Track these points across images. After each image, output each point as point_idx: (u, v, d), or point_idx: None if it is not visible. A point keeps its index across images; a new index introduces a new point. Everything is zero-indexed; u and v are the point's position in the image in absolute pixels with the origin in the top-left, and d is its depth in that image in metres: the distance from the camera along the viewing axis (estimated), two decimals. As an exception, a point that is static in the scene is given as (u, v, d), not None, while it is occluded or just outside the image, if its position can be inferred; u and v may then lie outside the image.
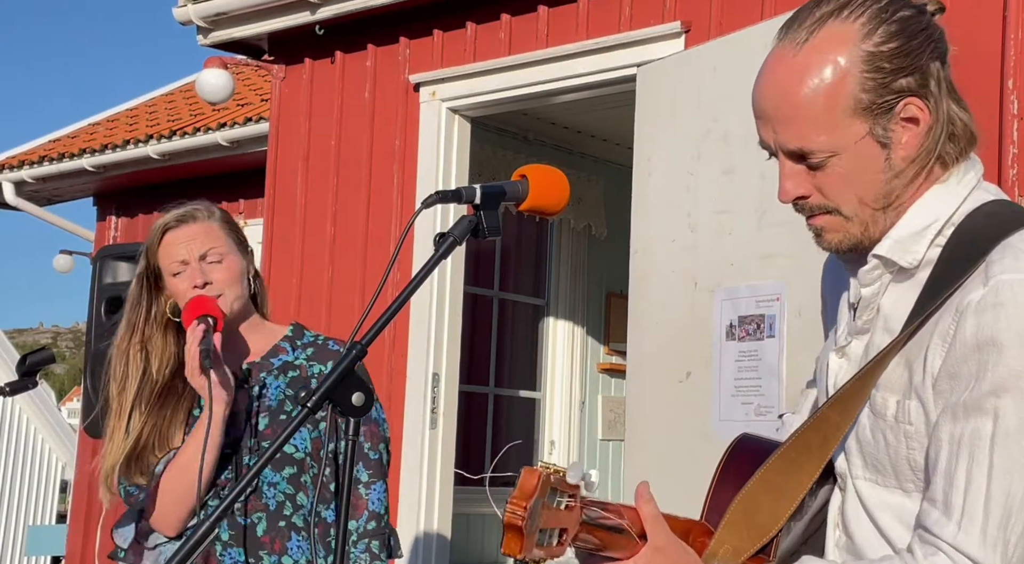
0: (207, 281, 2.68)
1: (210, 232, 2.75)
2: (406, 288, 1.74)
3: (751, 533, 1.58)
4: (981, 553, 1.45)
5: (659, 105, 4.80)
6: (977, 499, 1.45)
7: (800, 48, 1.56)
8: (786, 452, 1.60)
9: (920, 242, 1.58)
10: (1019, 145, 4.16)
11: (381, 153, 6.07)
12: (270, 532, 2.63)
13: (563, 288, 7.54)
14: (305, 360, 2.76)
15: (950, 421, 1.49)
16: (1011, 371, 1.44)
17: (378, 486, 2.73)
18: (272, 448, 1.63)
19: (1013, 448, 1.45)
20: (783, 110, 1.56)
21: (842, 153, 1.55)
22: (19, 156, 10.02)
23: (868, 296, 1.62)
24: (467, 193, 1.80)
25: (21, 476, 15.63)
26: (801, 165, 1.59)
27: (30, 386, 3.43)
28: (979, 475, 1.46)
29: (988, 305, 1.46)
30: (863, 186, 1.57)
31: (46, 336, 68.51)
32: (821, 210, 1.61)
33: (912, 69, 1.55)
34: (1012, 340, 1.44)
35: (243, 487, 1.61)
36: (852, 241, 1.61)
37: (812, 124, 1.54)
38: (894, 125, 1.55)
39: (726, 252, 4.39)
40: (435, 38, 5.92)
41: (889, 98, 1.54)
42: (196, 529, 1.59)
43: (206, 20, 6.40)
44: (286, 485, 2.64)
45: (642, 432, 4.68)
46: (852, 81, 1.53)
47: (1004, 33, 4.23)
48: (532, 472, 1.46)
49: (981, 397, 1.46)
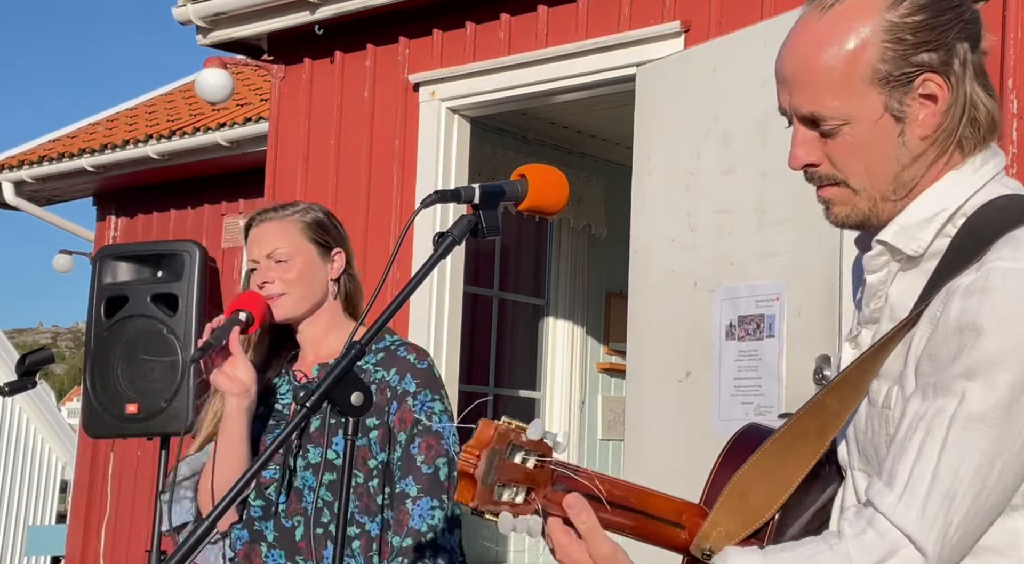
0: (267, 280, 2.68)
1: (282, 231, 2.72)
2: (405, 287, 1.74)
3: (744, 517, 1.55)
4: (917, 528, 1.42)
5: (659, 105, 4.80)
6: (923, 473, 1.42)
7: (825, 13, 1.55)
8: (782, 437, 1.57)
9: (926, 230, 1.55)
10: (1018, 145, 4.16)
11: (380, 153, 6.07)
12: (306, 538, 2.59)
13: (563, 288, 7.54)
14: (372, 365, 2.67)
15: (919, 399, 1.46)
16: (986, 356, 1.42)
17: (424, 503, 2.55)
18: (271, 448, 1.63)
19: (971, 431, 1.42)
20: (800, 74, 1.55)
21: (854, 122, 1.53)
22: (19, 156, 10.02)
23: (874, 283, 1.60)
24: (466, 193, 1.80)
25: (21, 476, 15.63)
26: (814, 132, 1.57)
27: (29, 386, 3.43)
28: (931, 450, 1.43)
29: (976, 289, 1.44)
30: (874, 159, 1.55)
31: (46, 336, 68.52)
32: (830, 180, 1.58)
33: (936, 45, 1.52)
34: (992, 326, 1.42)
35: (241, 488, 1.61)
36: (859, 216, 1.59)
37: (827, 89, 1.53)
38: (911, 100, 1.53)
39: (726, 252, 4.39)
40: (434, 38, 5.93)
41: (908, 71, 1.52)
42: (195, 529, 1.58)
43: (205, 20, 6.40)
44: (324, 491, 2.58)
45: (642, 432, 4.68)
46: (872, 50, 1.52)
47: (1003, 33, 4.23)
48: (489, 424, 1.46)
49: (952, 379, 1.43)
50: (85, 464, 9.38)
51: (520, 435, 1.48)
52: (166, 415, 3.25)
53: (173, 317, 3.23)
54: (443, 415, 2.62)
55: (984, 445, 1.42)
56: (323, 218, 2.78)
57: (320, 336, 2.74)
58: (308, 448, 2.62)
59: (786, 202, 4.08)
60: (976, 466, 1.41)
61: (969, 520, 1.43)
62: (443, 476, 2.59)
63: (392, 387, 2.60)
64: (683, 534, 1.55)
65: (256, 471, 1.63)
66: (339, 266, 2.75)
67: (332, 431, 2.60)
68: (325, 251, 2.75)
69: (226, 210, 8.94)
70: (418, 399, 2.59)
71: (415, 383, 2.60)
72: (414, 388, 2.60)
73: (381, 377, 2.63)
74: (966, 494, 1.42)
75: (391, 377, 2.61)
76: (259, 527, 2.64)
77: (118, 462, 9.07)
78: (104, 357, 3.26)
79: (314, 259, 2.73)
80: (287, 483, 2.61)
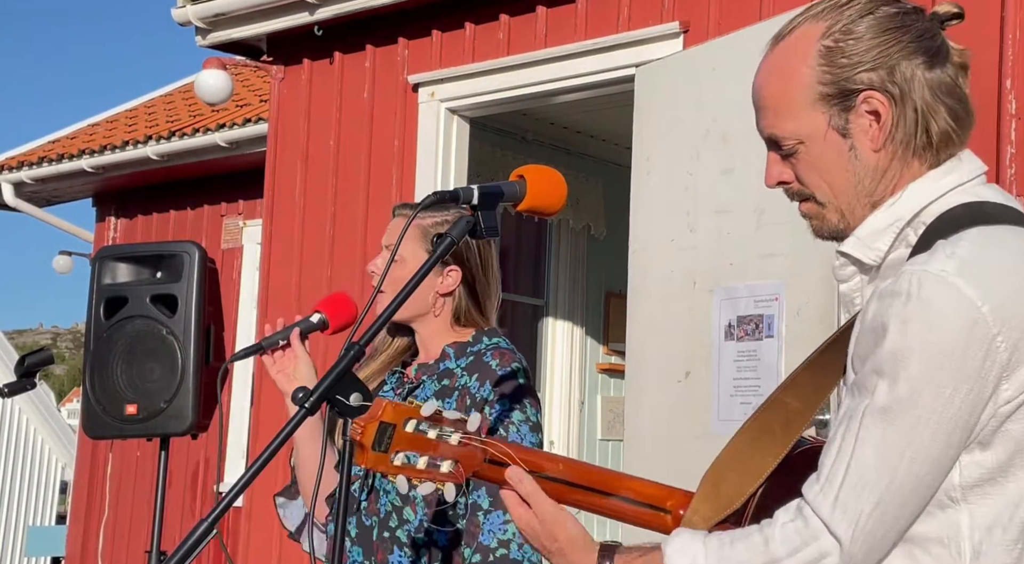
0: (375, 270, 2.71)
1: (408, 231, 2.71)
2: (404, 288, 1.74)
3: (718, 503, 1.66)
4: (830, 515, 1.51)
5: (658, 105, 4.80)
6: (840, 466, 1.53)
7: (775, 46, 1.71)
8: (747, 431, 1.70)
9: (881, 239, 1.66)
10: (1017, 145, 4.16)
11: (380, 154, 6.07)
12: (378, 539, 2.58)
13: (562, 288, 7.54)
14: (461, 369, 2.62)
15: (848, 398, 1.58)
16: (889, 353, 1.51)
17: (495, 517, 2.47)
18: (271, 447, 1.63)
19: (878, 422, 1.52)
20: (759, 102, 1.72)
21: (807, 141, 1.67)
22: (18, 157, 10.02)
23: (846, 292, 1.71)
24: (465, 194, 1.80)
25: (21, 477, 15.63)
26: (778, 153, 1.72)
27: (29, 387, 3.42)
28: (848, 443, 1.53)
29: (888, 292, 1.54)
30: (831, 174, 1.68)
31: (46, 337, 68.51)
32: (801, 196, 1.74)
33: (876, 64, 1.63)
34: (895, 325, 1.51)
35: (241, 489, 1.61)
36: (831, 228, 1.71)
37: (778, 113, 1.69)
38: (856, 117, 1.65)
39: (725, 252, 4.39)
40: (434, 38, 5.93)
41: (848, 90, 1.64)
42: (194, 530, 1.59)
43: (205, 21, 6.40)
44: (395, 496, 2.55)
45: (641, 432, 4.68)
46: (812, 74, 1.65)
47: (1002, 33, 4.23)
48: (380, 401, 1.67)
49: (865, 376, 1.54)
50: (85, 465, 9.38)
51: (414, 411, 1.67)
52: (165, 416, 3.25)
53: (172, 318, 3.23)
54: (522, 424, 2.53)
55: (890, 437, 1.51)
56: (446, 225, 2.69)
57: (427, 338, 2.70)
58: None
59: (785, 202, 4.05)
60: (883, 457, 1.51)
61: (883, 509, 1.51)
62: None
63: (472, 394, 2.55)
64: (668, 519, 1.69)
65: (255, 472, 1.62)
66: (450, 284, 2.67)
67: None
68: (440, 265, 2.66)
69: (225, 211, 8.94)
70: (495, 408, 2.52)
71: (494, 391, 2.54)
72: (491, 396, 2.53)
73: (465, 383, 2.58)
74: (876, 484, 1.51)
75: (472, 383, 2.56)
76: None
77: (117, 463, 9.07)
78: (104, 358, 3.26)
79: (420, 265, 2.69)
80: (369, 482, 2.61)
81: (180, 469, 8.51)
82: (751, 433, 1.69)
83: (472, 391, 2.55)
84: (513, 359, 2.60)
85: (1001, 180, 4.16)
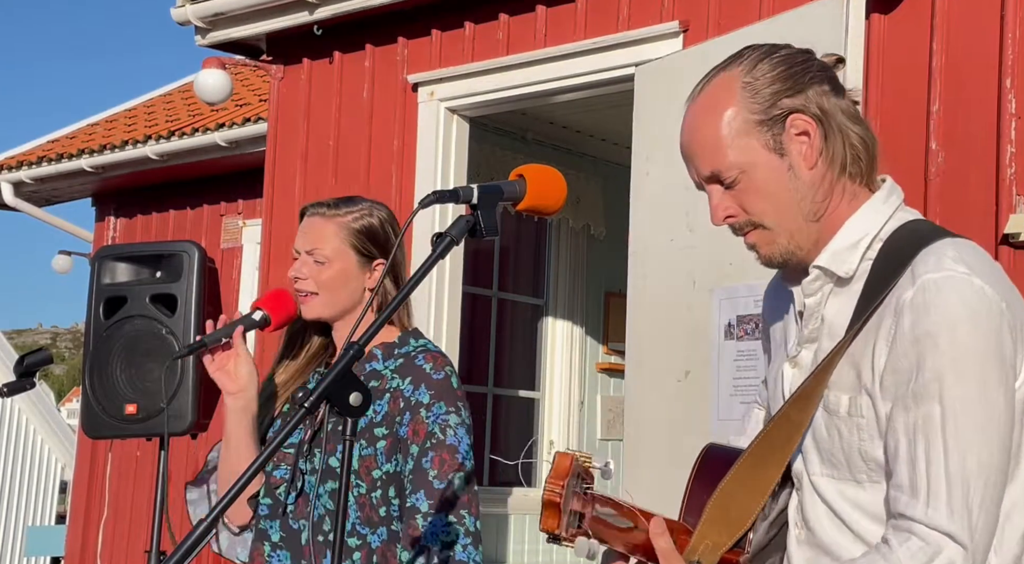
0: (300, 276, 2.67)
1: (327, 231, 2.68)
2: (404, 287, 1.74)
3: (728, 528, 1.72)
4: (950, 524, 1.61)
5: (657, 105, 4.80)
6: (938, 477, 1.62)
7: (698, 97, 1.85)
8: (756, 450, 1.76)
9: (854, 253, 1.77)
10: (1017, 144, 4.16)
11: (379, 153, 6.07)
12: (310, 543, 2.57)
13: (562, 288, 7.54)
14: (390, 371, 2.61)
15: (903, 412, 1.66)
16: (947, 358, 1.63)
17: (438, 520, 2.47)
18: (269, 449, 1.63)
19: (962, 426, 1.62)
20: (693, 146, 1.82)
21: (749, 169, 1.78)
22: (17, 157, 10.01)
23: (812, 305, 1.81)
24: (464, 193, 1.80)
25: (20, 477, 15.63)
26: (721, 188, 1.81)
27: (28, 387, 3.42)
28: (937, 456, 1.63)
29: (919, 303, 1.65)
30: (776, 197, 1.78)
31: (45, 336, 68.52)
32: (749, 226, 1.83)
33: (793, 91, 1.77)
34: (944, 331, 1.63)
35: (240, 489, 1.61)
36: (782, 251, 1.82)
37: (716, 149, 1.79)
38: (788, 139, 1.77)
39: (725, 251, 4.38)
40: (433, 38, 5.93)
41: (775, 114, 1.77)
42: (193, 530, 1.58)
43: (204, 20, 6.40)
44: (327, 499, 2.55)
45: (641, 431, 4.68)
46: (740, 105, 1.78)
47: (1002, 32, 4.23)
48: (566, 455, 1.61)
49: (925, 385, 1.64)
50: (84, 465, 9.38)
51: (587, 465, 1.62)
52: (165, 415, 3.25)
53: (172, 318, 3.22)
54: (459, 427, 2.53)
55: (976, 437, 1.63)
56: (375, 225, 2.69)
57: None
58: (315, 452, 2.60)
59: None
60: (977, 457, 1.62)
61: (987, 501, 1.63)
62: (460, 491, 2.50)
63: (406, 397, 2.53)
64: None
65: (255, 472, 1.62)
66: (378, 277, 2.67)
67: (335, 438, 2.58)
68: (366, 260, 2.67)
69: (225, 210, 8.94)
70: (432, 411, 2.51)
71: (429, 394, 2.53)
72: (428, 399, 2.52)
73: (396, 385, 2.57)
74: (977, 482, 1.62)
75: (405, 387, 2.55)
76: (264, 525, 2.63)
77: (117, 463, 9.07)
78: (103, 358, 3.25)
79: (352, 266, 2.66)
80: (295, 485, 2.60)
81: (180, 469, 8.51)
82: (758, 452, 1.76)
83: (406, 394, 2.54)
84: (445, 362, 2.59)
85: (1001, 180, 4.16)
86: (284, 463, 2.64)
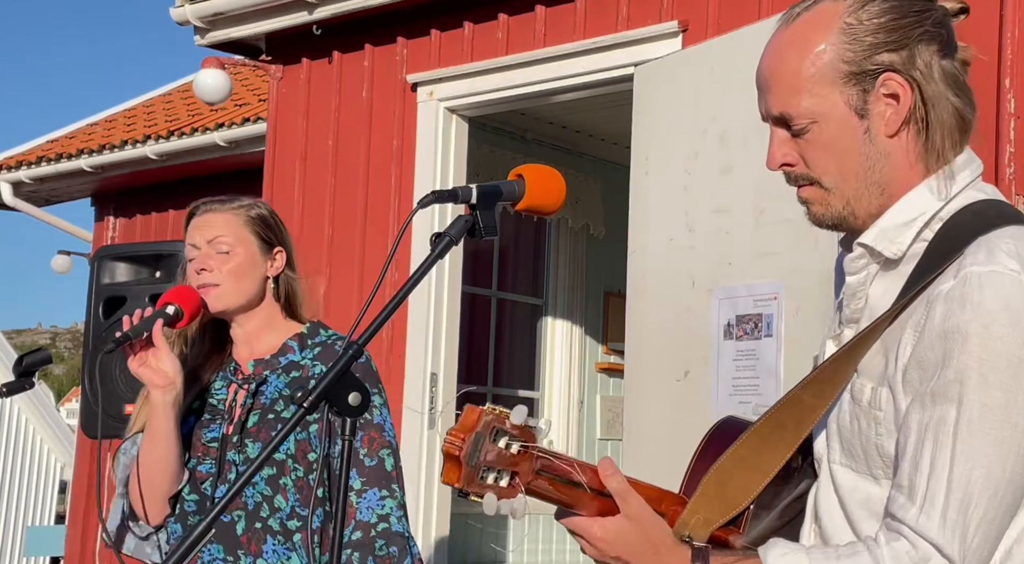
0: (205, 268, 2.68)
1: (226, 222, 2.74)
2: (403, 287, 1.74)
3: (722, 505, 1.62)
4: (940, 536, 1.48)
5: (656, 104, 4.80)
6: (939, 484, 1.48)
7: (791, 23, 1.65)
8: (759, 429, 1.64)
9: (905, 233, 1.61)
10: (1016, 144, 4.16)
11: (379, 153, 6.07)
12: (247, 532, 2.60)
13: (561, 288, 7.53)
14: (310, 360, 2.70)
15: (919, 409, 1.52)
16: (975, 359, 1.47)
17: (371, 494, 2.58)
18: (269, 447, 1.63)
19: (976, 434, 1.48)
20: (770, 79, 1.65)
21: (821, 121, 1.61)
22: (17, 157, 10.01)
23: (854, 284, 1.65)
24: (463, 193, 1.80)
25: (20, 477, 15.63)
26: (787, 133, 1.65)
27: (27, 387, 3.42)
28: (942, 461, 1.49)
29: (956, 296, 1.50)
30: (844, 157, 1.61)
31: (44, 336, 68.48)
32: (805, 180, 1.66)
33: (896, 46, 1.59)
34: (976, 329, 1.48)
35: (239, 490, 1.61)
36: (834, 215, 1.65)
37: (793, 90, 1.62)
38: (874, 99, 1.60)
39: (724, 251, 4.39)
40: (432, 38, 5.92)
41: (869, 70, 1.59)
42: (193, 530, 1.58)
43: (203, 20, 6.40)
44: (264, 486, 2.59)
45: (640, 431, 4.68)
46: (833, 51, 1.60)
47: (1001, 32, 4.23)
48: (474, 409, 1.53)
49: (946, 384, 1.49)
50: (84, 465, 9.37)
51: (504, 420, 1.54)
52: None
53: (171, 317, 3.22)
54: (383, 407, 2.65)
55: (990, 449, 1.47)
56: (267, 215, 2.81)
57: (255, 332, 2.75)
58: (247, 443, 2.63)
59: (784, 202, 4.06)
60: (986, 470, 1.48)
61: (988, 520, 1.48)
62: (389, 466, 2.62)
63: None
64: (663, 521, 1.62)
65: (251, 474, 1.62)
66: (279, 265, 2.76)
67: (271, 427, 2.62)
68: (267, 247, 2.76)
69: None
70: None
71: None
72: None
73: (320, 371, 2.63)
74: (980, 497, 1.48)
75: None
76: (192, 521, 2.64)
77: (117, 463, 9.06)
78: (103, 358, 3.26)
79: (255, 254, 2.74)
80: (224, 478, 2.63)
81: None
82: (763, 431, 1.64)
83: None
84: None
85: (1000, 179, 4.16)
86: (208, 457, 2.65)
